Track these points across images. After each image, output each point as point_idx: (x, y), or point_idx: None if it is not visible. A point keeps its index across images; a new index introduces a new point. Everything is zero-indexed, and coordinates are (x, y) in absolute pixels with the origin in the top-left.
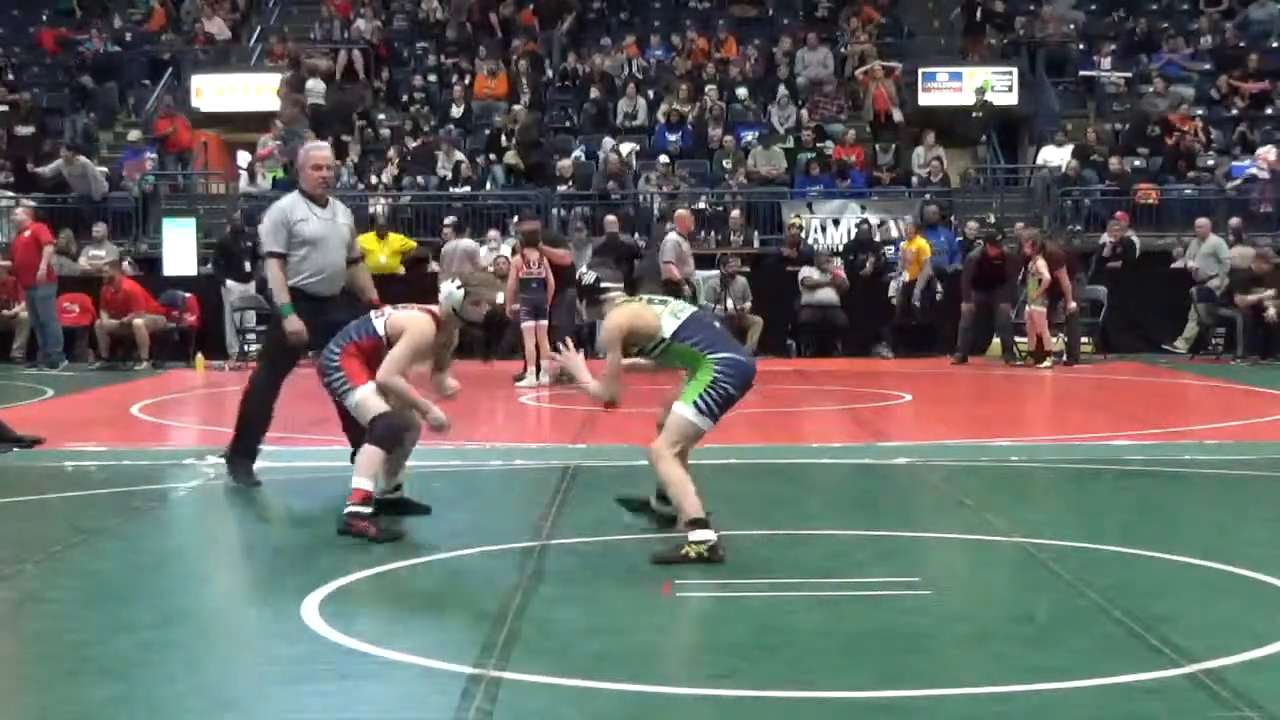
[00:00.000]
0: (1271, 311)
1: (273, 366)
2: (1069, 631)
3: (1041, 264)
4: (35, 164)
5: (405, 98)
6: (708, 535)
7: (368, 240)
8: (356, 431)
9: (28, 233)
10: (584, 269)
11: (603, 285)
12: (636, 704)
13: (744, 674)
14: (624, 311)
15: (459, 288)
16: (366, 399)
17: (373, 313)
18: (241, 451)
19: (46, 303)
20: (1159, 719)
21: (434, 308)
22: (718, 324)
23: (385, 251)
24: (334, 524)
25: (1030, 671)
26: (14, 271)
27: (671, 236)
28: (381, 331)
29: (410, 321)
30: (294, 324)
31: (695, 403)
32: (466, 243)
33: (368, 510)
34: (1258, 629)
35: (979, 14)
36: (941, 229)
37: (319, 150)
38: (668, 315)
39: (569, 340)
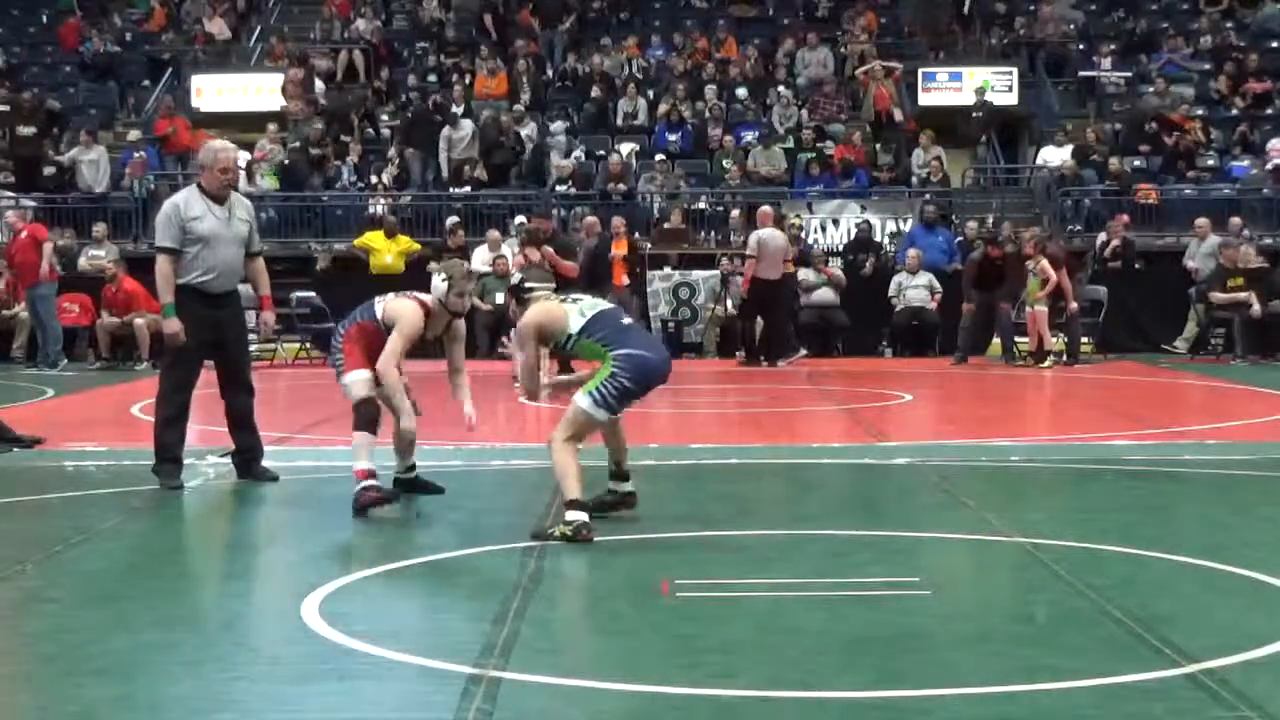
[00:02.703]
0: (1256, 308)
1: (174, 369)
2: (1069, 631)
3: (1045, 264)
4: (55, 152)
5: (405, 98)
6: (578, 516)
7: (376, 239)
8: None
9: (24, 234)
10: (516, 272)
11: (528, 285)
12: (636, 704)
13: (744, 674)
14: (537, 309)
15: (444, 280)
16: (355, 383)
17: (377, 298)
18: (163, 459)
19: (46, 302)
20: (1159, 719)
21: (425, 297)
22: (626, 320)
23: (393, 251)
24: (334, 524)
25: (1030, 671)
26: (14, 271)
27: (764, 233)
28: (379, 315)
29: (403, 311)
30: (172, 325)
31: (592, 394)
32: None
33: (373, 482)
34: (1258, 629)
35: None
36: (940, 229)
37: (226, 153)
38: (575, 313)
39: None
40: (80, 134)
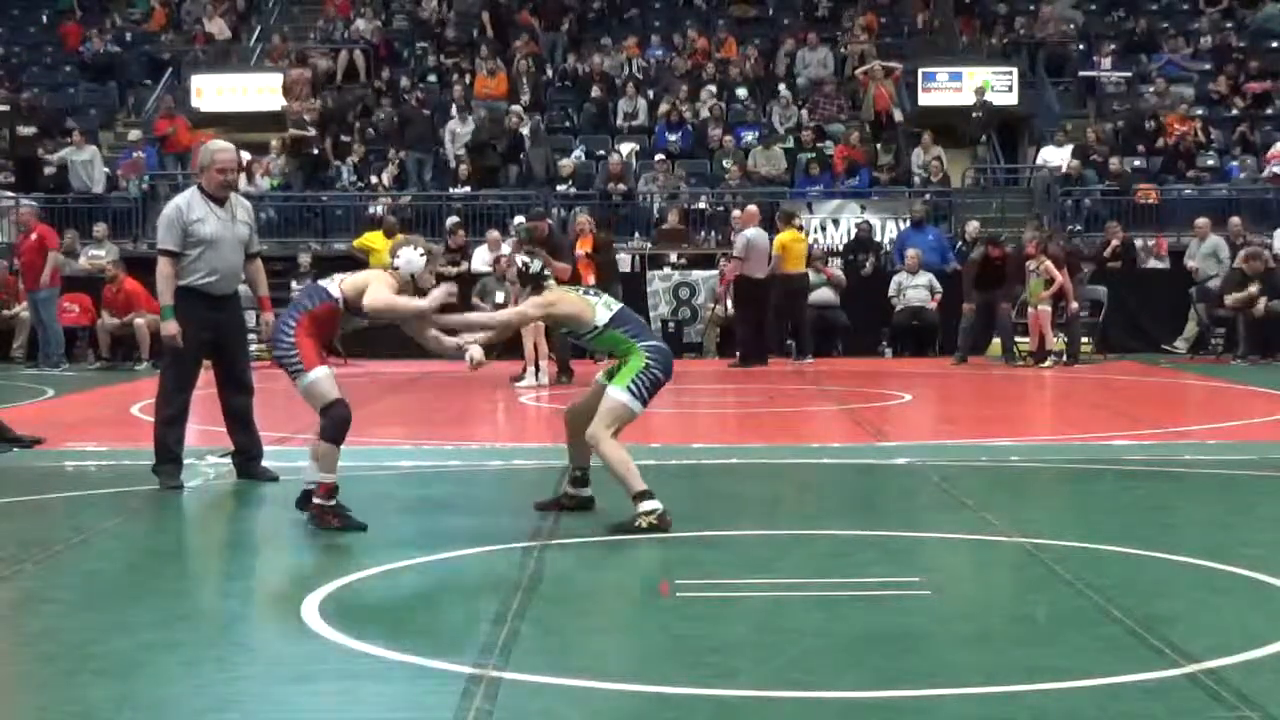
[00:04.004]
0: (1260, 306)
1: (174, 369)
2: (1069, 631)
3: (1049, 264)
4: (46, 151)
5: (404, 98)
6: (655, 504)
7: (375, 239)
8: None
9: (34, 235)
10: (524, 256)
11: (546, 273)
12: (636, 704)
13: (744, 674)
14: (565, 295)
15: (421, 255)
16: (318, 382)
17: (323, 280)
18: (164, 459)
19: (48, 304)
20: (1159, 719)
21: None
22: (639, 317)
23: None
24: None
25: (1030, 671)
26: (19, 272)
27: (751, 233)
28: (337, 294)
29: (372, 274)
30: (171, 328)
31: (629, 387)
32: None
33: (332, 503)
34: (1258, 629)
35: None
36: (929, 227)
37: (224, 153)
38: (601, 306)
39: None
40: (74, 134)
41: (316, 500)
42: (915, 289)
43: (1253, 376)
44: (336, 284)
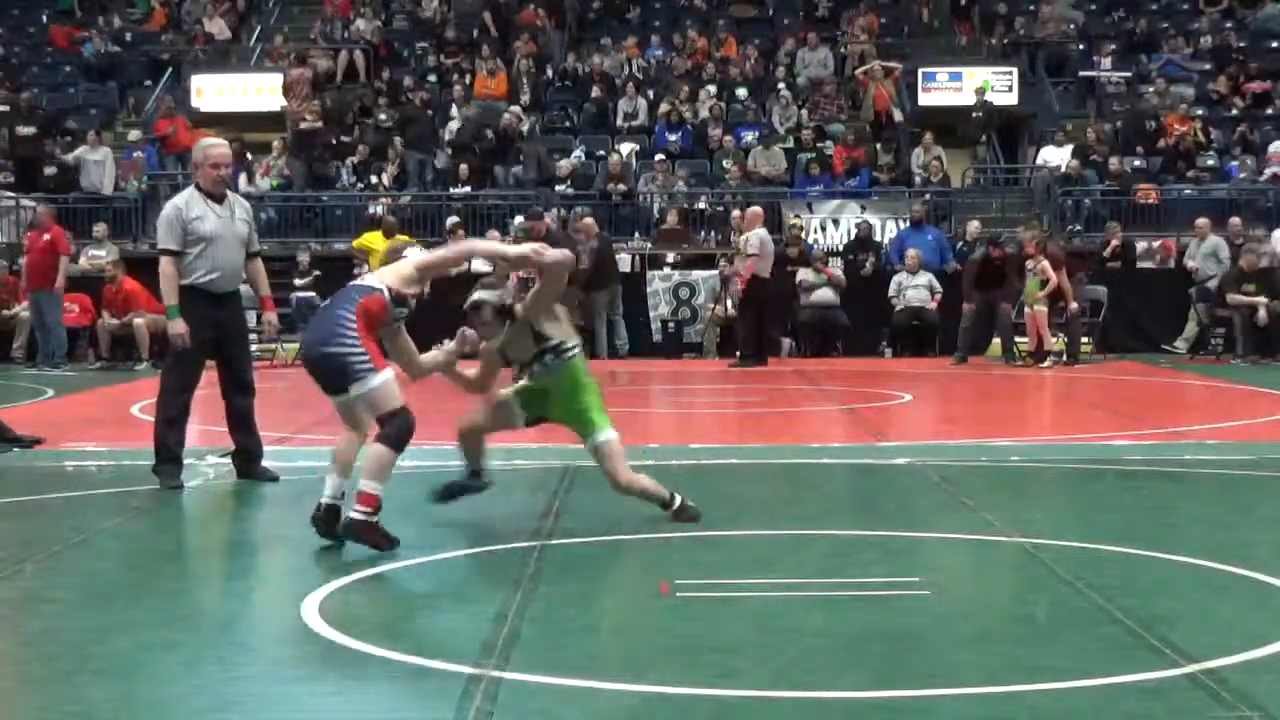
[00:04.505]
0: (1262, 313)
1: (176, 370)
2: (1069, 631)
3: (1045, 264)
4: (61, 151)
5: (404, 98)
6: (680, 499)
7: (374, 239)
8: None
9: (46, 236)
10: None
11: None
12: (636, 704)
13: (744, 674)
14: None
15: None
16: (387, 385)
17: (354, 283)
18: (164, 459)
19: (53, 305)
20: (1159, 719)
21: None
22: None
23: None
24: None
25: (1030, 671)
26: (19, 272)
27: (763, 232)
28: (378, 284)
29: (396, 262)
30: (178, 326)
31: (610, 425)
32: None
33: (377, 519)
34: (1258, 629)
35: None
36: (929, 227)
37: (218, 149)
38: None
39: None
40: (88, 134)
41: (360, 513)
42: (915, 289)
43: (1253, 376)
44: (375, 277)
